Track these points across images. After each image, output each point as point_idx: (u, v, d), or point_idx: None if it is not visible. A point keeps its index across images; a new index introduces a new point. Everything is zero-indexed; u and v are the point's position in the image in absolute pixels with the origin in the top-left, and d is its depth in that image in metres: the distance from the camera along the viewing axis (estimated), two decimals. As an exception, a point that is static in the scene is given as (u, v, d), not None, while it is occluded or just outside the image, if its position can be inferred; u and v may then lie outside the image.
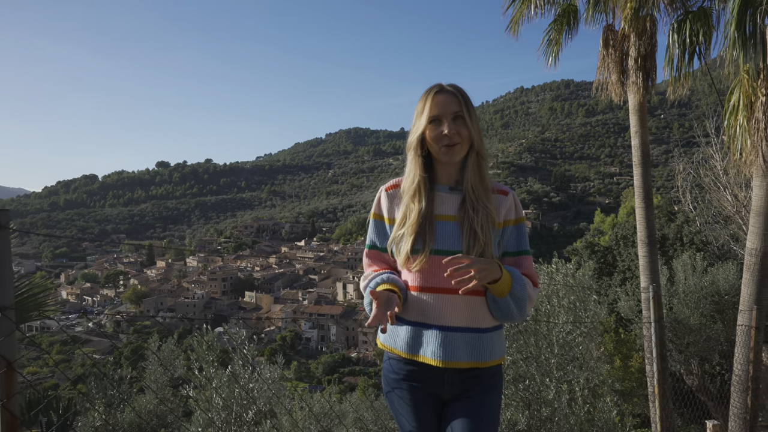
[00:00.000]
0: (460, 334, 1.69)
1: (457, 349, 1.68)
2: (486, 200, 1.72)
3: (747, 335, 5.15)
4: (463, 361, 1.68)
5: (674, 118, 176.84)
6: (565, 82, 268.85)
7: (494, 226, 1.72)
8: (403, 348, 1.74)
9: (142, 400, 6.36)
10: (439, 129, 1.70)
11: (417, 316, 1.72)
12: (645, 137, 6.63)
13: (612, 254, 16.28)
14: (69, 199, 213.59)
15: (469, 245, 1.67)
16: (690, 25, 5.52)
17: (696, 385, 9.95)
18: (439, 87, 1.74)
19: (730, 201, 12.24)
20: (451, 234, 1.71)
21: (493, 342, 1.74)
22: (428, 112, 1.70)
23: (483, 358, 1.70)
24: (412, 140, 1.76)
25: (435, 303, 1.70)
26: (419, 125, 1.73)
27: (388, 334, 1.78)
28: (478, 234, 1.67)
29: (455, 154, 1.72)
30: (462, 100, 1.71)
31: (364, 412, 7.13)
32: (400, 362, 1.76)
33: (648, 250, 6.49)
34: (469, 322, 1.70)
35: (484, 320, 1.72)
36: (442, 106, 1.70)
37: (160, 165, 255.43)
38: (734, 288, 9.44)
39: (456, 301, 1.69)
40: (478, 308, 1.72)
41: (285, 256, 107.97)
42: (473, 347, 1.70)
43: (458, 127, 1.70)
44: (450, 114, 1.70)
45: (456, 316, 1.69)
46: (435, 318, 1.70)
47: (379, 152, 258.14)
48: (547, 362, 4.10)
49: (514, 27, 7.41)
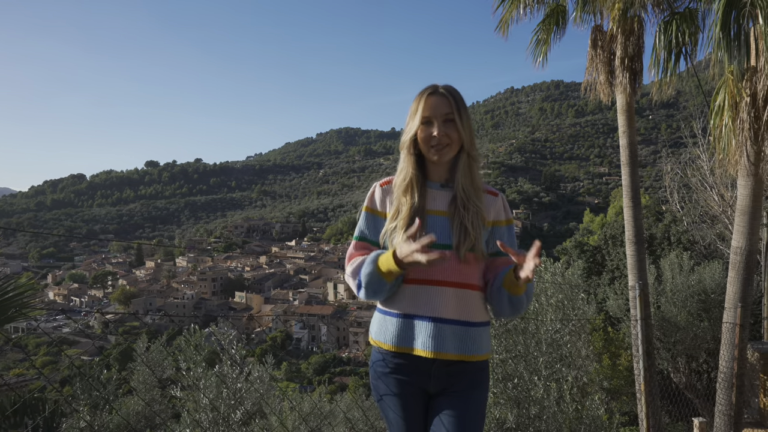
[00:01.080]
0: (449, 326, 1.70)
1: (447, 340, 1.70)
2: (476, 198, 1.76)
3: (732, 332, 5.21)
4: (451, 353, 1.70)
5: (662, 119, 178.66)
6: (554, 83, 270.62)
7: (484, 223, 1.76)
8: (392, 341, 1.75)
9: (130, 401, 6.30)
10: (429, 130, 1.74)
11: (407, 308, 1.74)
12: (633, 137, 6.69)
13: (601, 253, 16.41)
14: (56, 199, 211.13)
15: (459, 240, 1.70)
16: (676, 26, 5.58)
17: (683, 383, 10.05)
18: (432, 89, 1.77)
19: (717, 201, 12.40)
20: (442, 228, 1.74)
21: (481, 337, 1.76)
22: (420, 114, 1.74)
23: (470, 351, 1.72)
24: (405, 140, 1.79)
25: (426, 294, 1.71)
26: (412, 126, 1.76)
27: (378, 329, 1.80)
28: (469, 230, 1.71)
29: (444, 155, 1.75)
30: (454, 102, 1.74)
31: (354, 411, 7.12)
32: (389, 356, 1.77)
33: (636, 249, 6.55)
34: (460, 315, 1.72)
35: (475, 314, 1.75)
36: (434, 108, 1.73)
37: (149, 164, 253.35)
38: (720, 287, 9.55)
39: (447, 293, 1.71)
40: (470, 302, 1.74)
41: (275, 256, 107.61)
42: (462, 340, 1.71)
43: (448, 130, 1.73)
44: (441, 116, 1.73)
45: (447, 308, 1.70)
46: (426, 309, 1.71)
47: (370, 152, 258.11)
48: (536, 360, 4.13)
49: (504, 27, 7.45)
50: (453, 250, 1.71)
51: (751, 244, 5.49)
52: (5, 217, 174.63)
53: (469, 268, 1.73)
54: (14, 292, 3.61)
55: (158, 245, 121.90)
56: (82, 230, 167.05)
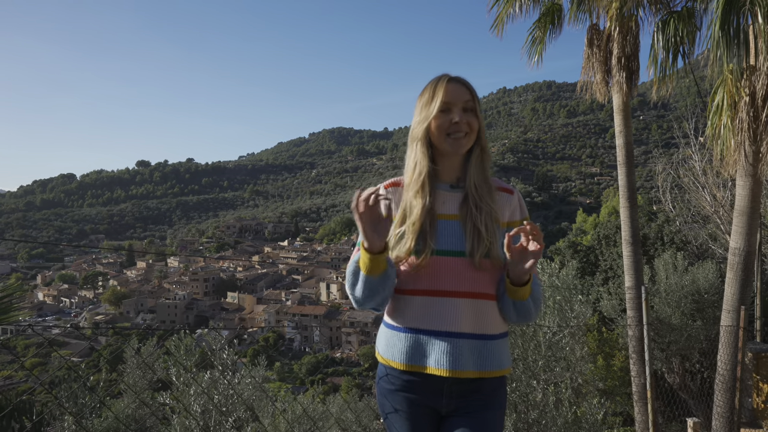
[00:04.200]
0: (466, 341, 1.55)
1: (463, 357, 1.54)
2: (489, 198, 1.61)
3: (732, 335, 5.16)
4: (469, 370, 1.55)
5: (653, 119, 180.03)
6: (547, 83, 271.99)
7: (498, 225, 1.61)
8: (401, 359, 1.59)
9: (119, 404, 6.17)
10: (447, 118, 1.60)
11: (417, 323, 1.58)
12: (629, 137, 6.65)
13: (594, 254, 16.42)
14: (46, 199, 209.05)
15: (473, 245, 1.56)
16: (674, 25, 5.53)
17: (677, 383, 10.05)
18: (449, 76, 1.64)
19: (709, 201, 12.44)
20: (453, 233, 1.59)
21: (501, 350, 1.62)
22: (440, 99, 1.58)
23: (490, 367, 1.57)
24: (418, 130, 1.63)
25: (438, 307, 1.56)
26: (427, 113, 1.61)
27: (386, 345, 1.64)
28: (482, 233, 1.56)
29: (462, 145, 1.62)
30: (471, 92, 1.63)
31: (347, 413, 7.03)
32: (396, 373, 1.61)
33: (632, 250, 6.50)
34: (476, 328, 1.57)
35: (492, 326, 1.60)
36: (454, 94, 1.60)
37: (141, 164, 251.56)
38: (714, 287, 9.56)
39: (462, 304, 1.56)
40: (486, 313, 1.59)
41: (268, 257, 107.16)
42: (480, 355, 1.56)
43: (468, 118, 1.61)
44: (461, 103, 1.60)
45: (462, 321, 1.55)
46: (438, 323, 1.55)
47: (362, 152, 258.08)
48: (535, 364, 4.06)
49: (499, 25, 7.40)
50: (467, 257, 1.56)
51: (749, 245, 5.45)
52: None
53: (485, 275, 1.58)
54: (2, 293, 3.50)
55: (149, 248, 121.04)
56: (72, 230, 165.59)
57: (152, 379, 6.03)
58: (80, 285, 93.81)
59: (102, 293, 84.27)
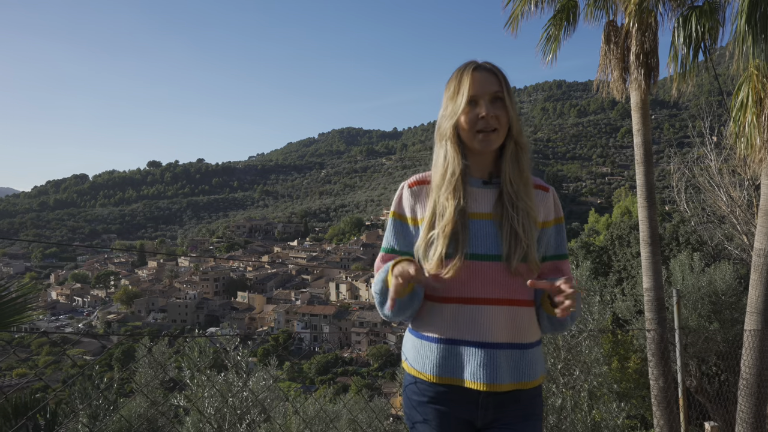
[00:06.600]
0: (502, 351, 1.45)
1: (501, 369, 1.44)
2: (526, 196, 1.49)
3: (757, 338, 5.03)
4: (507, 383, 1.45)
5: (665, 118, 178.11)
6: (557, 83, 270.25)
7: (535, 225, 1.49)
8: (433, 371, 1.47)
9: (131, 403, 6.16)
10: (474, 111, 1.46)
11: (450, 332, 1.47)
12: (647, 135, 6.53)
13: (607, 254, 16.23)
14: (59, 199, 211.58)
15: (510, 248, 1.44)
16: (695, 20, 5.40)
17: (693, 386, 9.88)
18: (475, 64, 1.50)
19: (725, 200, 12.22)
20: (488, 235, 1.47)
21: (537, 359, 1.53)
22: (467, 92, 1.45)
23: (527, 378, 1.48)
24: (446, 127, 1.50)
25: (472, 316, 1.45)
26: (455, 108, 1.47)
27: (415, 356, 1.52)
28: (520, 235, 1.44)
29: (491, 142, 1.48)
30: (501, 79, 1.48)
31: (358, 413, 6.96)
32: (426, 384, 1.50)
33: (651, 251, 6.37)
34: (512, 338, 1.46)
35: (528, 334, 1.50)
36: (480, 84, 1.46)
37: (152, 165, 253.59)
38: (731, 288, 9.39)
39: (497, 312, 1.45)
40: (522, 320, 1.48)
41: (277, 256, 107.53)
42: (517, 367, 1.46)
43: (496, 110, 1.46)
44: (488, 94, 1.46)
45: (497, 330, 1.45)
46: (472, 333, 1.44)
47: (372, 152, 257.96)
48: (554, 368, 3.97)
49: (513, 23, 7.28)
50: (503, 262, 1.45)
51: (774, 245, 5.29)
52: (8, 217, 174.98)
53: (520, 280, 1.45)
54: (11, 296, 3.48)
55: (160, 247, 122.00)
56: (84, 230, 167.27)
57: (164, 378, 6.01)
58: (92, 284, 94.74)
59: (114, 292, 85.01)
